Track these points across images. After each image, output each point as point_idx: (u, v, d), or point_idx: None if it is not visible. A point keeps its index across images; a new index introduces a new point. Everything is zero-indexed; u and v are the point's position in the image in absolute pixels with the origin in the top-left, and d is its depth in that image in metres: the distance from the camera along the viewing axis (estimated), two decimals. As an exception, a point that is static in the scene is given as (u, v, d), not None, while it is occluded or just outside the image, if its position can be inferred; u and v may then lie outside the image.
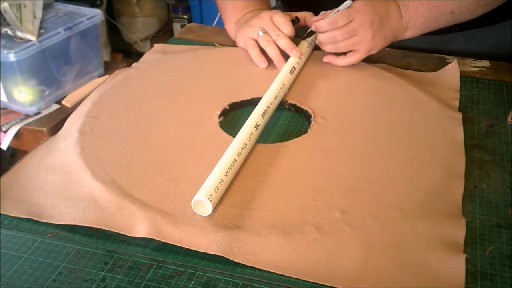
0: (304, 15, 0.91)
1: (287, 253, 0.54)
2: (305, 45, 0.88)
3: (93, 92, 0.82)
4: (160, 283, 0.52)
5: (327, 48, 0.84)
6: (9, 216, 0.60)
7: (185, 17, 2.44)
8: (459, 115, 0.74)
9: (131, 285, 0.52)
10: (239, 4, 0.96)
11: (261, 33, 0.88)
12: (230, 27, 0.97)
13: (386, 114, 0.75)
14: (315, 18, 0.87)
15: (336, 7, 0.83)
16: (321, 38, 0.84)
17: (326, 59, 0.86)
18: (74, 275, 0.53)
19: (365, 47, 0.82)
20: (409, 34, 0.85)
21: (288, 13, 0.91)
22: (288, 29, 0.87)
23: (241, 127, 0.69)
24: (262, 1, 0.98)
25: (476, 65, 0.88)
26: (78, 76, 1.41)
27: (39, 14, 1.32)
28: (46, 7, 1.39)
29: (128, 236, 0.57)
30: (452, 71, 0.85)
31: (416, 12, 0.83)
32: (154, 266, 0.54)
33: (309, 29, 0.88)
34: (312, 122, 0.73)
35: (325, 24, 0.81)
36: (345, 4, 0.82)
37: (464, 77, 0.84)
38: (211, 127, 0.73)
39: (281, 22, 0.87)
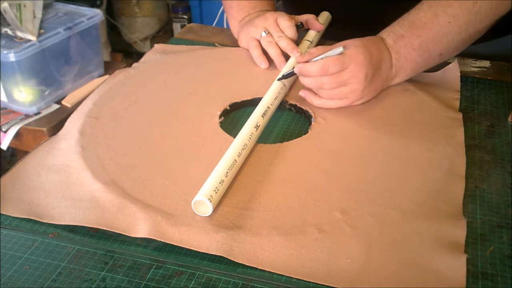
0: (306, 18, 0.91)
1: (288, 254, 0.54)
2: (305, 46, 0.88)
3: (93, 92, 0.82)
4: (160, 283, 0.52)
5: (307, 91, 0.76)
6: (9, 216, 0.60)
7: (185, 17, 2.44)
8: (459, 115, 0.74)
9: (131, 285, 0.52)
10: (246, 4, 0.95)
11: (264, 34, 0.87)
12: (233, 25, 0.97)
13: (386, 114, 0.75)
14: (300, 58, 0.75)
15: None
16: (306, 82, 0.74)
17: (302, 93, 0.76)
18: (74, 275, 0.53)
19: (352, 98, 0.74)
20: (396, 81, 0.79)
21: (292, 16, 0.91)
22: (292, 33, 0.86)
23: (241, 128, 0.68)
24: (268, 1, 0.97)
25: (477, 65, 0.88)
26: (78, 76, 1.41)
27: (39, 14, 1.32)
28: (46, 7, 1.39)
29: (128, 236, 0.56)
30: (452, 71, 0.84)
31: (407, 59, 0.76)
32: (154, 266, 0.54)
33: (291, 70, 0.76)
34: (312, 123, 0.73)
35: (313, 69, 0.72)
36: (336, 50, 0.71)
37: (465, 77, 0.84)
38: (211, 127, 0.73)
39: (286, 26, 0.87)
